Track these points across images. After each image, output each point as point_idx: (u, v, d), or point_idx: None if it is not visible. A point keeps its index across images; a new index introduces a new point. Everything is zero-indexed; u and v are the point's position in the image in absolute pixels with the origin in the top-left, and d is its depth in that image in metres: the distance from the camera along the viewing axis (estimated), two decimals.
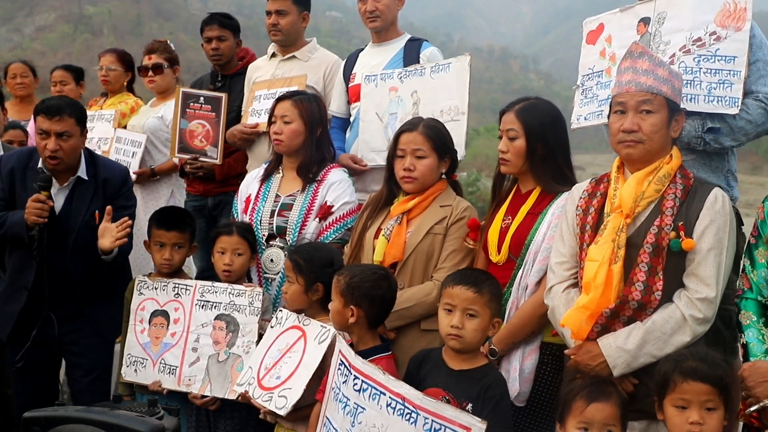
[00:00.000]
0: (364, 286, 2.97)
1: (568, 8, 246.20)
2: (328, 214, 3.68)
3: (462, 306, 2.74)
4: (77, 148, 3.73)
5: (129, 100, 5.47)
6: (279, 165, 3.89)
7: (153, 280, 3.68)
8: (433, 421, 2.39)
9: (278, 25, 4.62)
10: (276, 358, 3.18)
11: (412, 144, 3.36)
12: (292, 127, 3.75)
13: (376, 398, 2.56)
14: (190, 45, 43.79)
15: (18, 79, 6.04)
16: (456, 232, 3.31)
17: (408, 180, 3.36)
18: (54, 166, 3.67)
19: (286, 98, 3.85)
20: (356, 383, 2.62)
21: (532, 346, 3.03)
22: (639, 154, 2.76)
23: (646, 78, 2.75)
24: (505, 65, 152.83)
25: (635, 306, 2.66)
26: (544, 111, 3.18)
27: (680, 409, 2.41)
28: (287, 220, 3.71)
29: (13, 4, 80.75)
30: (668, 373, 2.44)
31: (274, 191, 3.82)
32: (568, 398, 2.54)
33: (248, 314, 3.45)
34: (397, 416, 2.48)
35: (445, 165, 3.43)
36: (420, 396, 2.45)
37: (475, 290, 2.74)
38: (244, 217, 3.84)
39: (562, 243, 2.95)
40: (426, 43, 4.44)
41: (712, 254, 2.65)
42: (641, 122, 2.73)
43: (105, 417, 2.45)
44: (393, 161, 3.44)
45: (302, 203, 3.71)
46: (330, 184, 3.73)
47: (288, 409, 3.00)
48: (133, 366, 3.61)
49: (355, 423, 2.59)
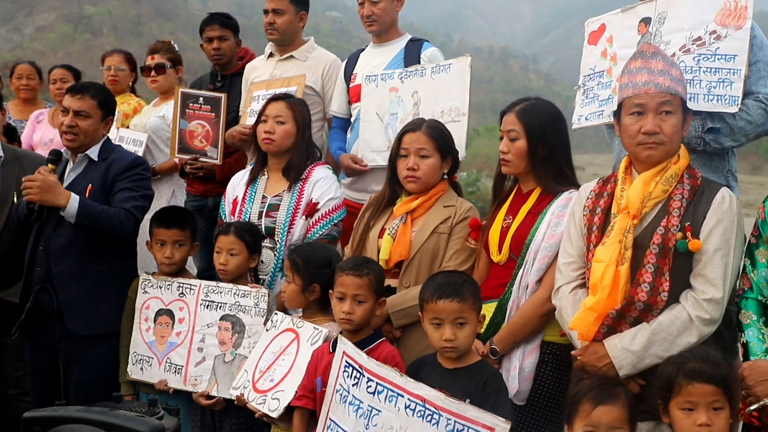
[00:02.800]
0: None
1: (568, 8, 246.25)
2: (314, 211, 3.69)
3: (450, 318, 2.73)
4: (96, 130, 3.81)
5: (132, 101, 5.48)
6: (264, 166, 3.89)
7: (157, 279, 3.68)
8: (455, 422, 2.38)
9: (275, 24, 4.62)
10: (270, 361, 3.19)
11: (416, 144, 3.37)
12: (286, 128, 3.76)
13: (393, 400, 2.56)
14: (190, 45, 43.79)
15: (24, 81, 6.04)
16: (460, 232, 3.32)
17: (411, 179, 3.37)
18: (69, 142, 3.77)
19: (279, 99, 3.87)
20: (370, 385, 2.61)
21: (533, 345, 3.03)
22: (660, 156, 2.74)
23: (663, 79, 2.73)
24: (505, 65, 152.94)
25: (641, 307, 2.66)
26: (544, 111, 3.17)
27: (687, 412, 2.40)
28: (275, 220, 3.71)
29: (13, 4, 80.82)
30: (672, 376, 2.43)
31: (260, 192, 3.82)
32: (575, 400, 2.52)
33: (254, 315, 3.44)
34: (418, 417, 2.47)
35: (447, 165, 3.44)
36: (442, 397, 2.44)
37: (459, 300, 2.73)
38: (231, 218, 3.85)
39: (569, 243, 2.94)
40: (427, 43, 4.44)
41: (718, 255, 2.64)
42: (662, 124, 2.71)
43: (105, 417, 2.45)
44: (396, 161, 3.44)
45: (289, 203, 3.72)
46: (315, 181, 3.74)
47: (280, 411, 3.01)
48: (138, 364, 3.61)
49: (370, 425, 2.59)
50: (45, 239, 3.73)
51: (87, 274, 3.73)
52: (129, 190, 3.78)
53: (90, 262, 3.73)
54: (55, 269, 3.71)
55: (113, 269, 3.80)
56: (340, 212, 3.73)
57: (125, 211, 3.70)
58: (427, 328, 2.80)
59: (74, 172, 3.83)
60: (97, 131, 3.83)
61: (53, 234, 3.72)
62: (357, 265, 3.01)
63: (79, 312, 3.71)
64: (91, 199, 3.70)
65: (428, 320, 2.78)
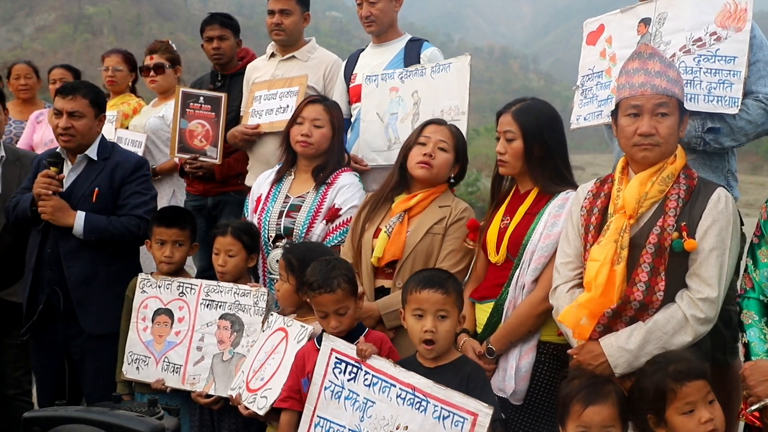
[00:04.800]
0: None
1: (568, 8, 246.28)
2: (335, 216, 3.68)
3: (433, 309, 2.74)
4: (91, 129, 3.83)
5: (131, 101, 5.47)
6: (292, 166, 3.89)
7: (157, 279, 3.68)
8: (442, 408, 2.44)
9: (282, 24, 4.61)
10: (262, 361, 3.21)
11: (438, 135, 3.40)
12: (323, 131, 3.77)
13: (386, 391, 2.61)
14: (190, 45, 43.80)
15: (22, 81, 6.03)
16: (455, 232, 3.32)
17: (424, 165, 3.36)
18: (66, 144, 3.78)
19: (316, 102, 3.86)
20: (366, 378, 2.65)
21: (529, 345, 3.03)
22: (655, 157, 2.75)
23: (660, 80, 2.74)
24: (505, 65, 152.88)
25: (637, 306, 2.66)
26: (540, 111, 3.18)
27: (689, 414, 2.40)
28: (295, 221, 3.71)
29: (13, 4, 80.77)
30: (661, 385, 2.43)
31: (284, 192, 3.82)
32: (566, 401, 2.54)
33: (253, 314, 3.44)
34: (407, 406, 2.52)
35: (454, 170, 3.46)
36: (430, 384, 2.49)
37: (442, 291, 2.74)
38: (254, 216, 3.85)
39: (567, 243, 2.95)
40: (426, 43, 4.44)
41: (714, 254, 2.65)
42: (658, 125, 2.72)
43: (105, 417, 2.45)
44: (409, 149, 3.44)
45: (311, 205, 3.71)
46: (340, 187, 3.73)
47: (266, 409, 3.02)
48: (134, 364, 3.61)
49: (365, 417, 2.63)
50: (53, 241, 3.74)
51: (98, 275, 3.78)
52: (140, 195, 3.84)
53: (101, 263, 3.77)
54: (67, 271, 3.74)
55: (123, 269, 3.84)
56: None
57: (137, 218, 3.78)
58: (408, 321, 2.80)
59: (74, 172, 3.84)
60: (93, 130, 3.85)
61: (63, 237, 3.73)
62: (325, 279, 2.94)
63: (92, 311, 3.76)
64: (99, 202, 3.75)
65: (410, 312, 2.78)
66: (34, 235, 3.81)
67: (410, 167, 3.41)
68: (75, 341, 3.79)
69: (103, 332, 3.76)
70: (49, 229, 3.74)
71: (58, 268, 3.74)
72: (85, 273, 3.75)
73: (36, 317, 3.73)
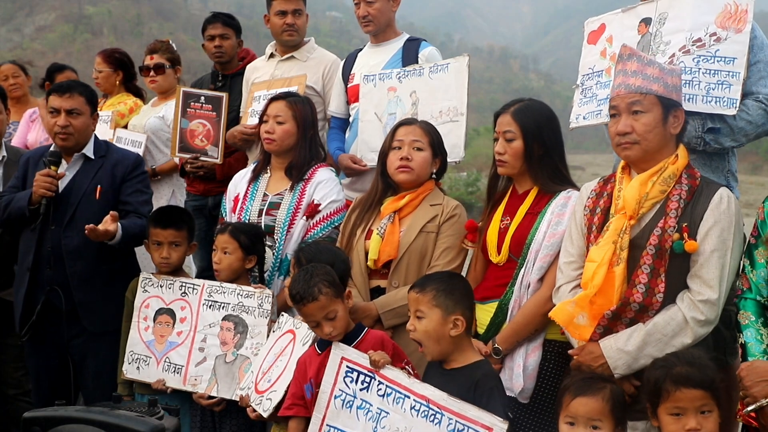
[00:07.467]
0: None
1: (568, 8, 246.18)
2: (315, 212, 3.70)
3: (413, 308, 2.78)
4: (87, 127, 3.84)
5: (128, 101, 5.43)
6: (267, 165, 3.89)
7: (158, 278, 3.67)
8: (456, 421, 2.43)
9: (295, 25, 4.62)
10: (271, 362, 3.20)
11: (411, 135, 3.40)
12: (285, 127, 3.76)
13: (400, 402, 2.60)
14: (190, 45, 43.77)
15: (11, 80, 5.99)
16: (448, 230, 3.32)
17: (404, 169, 3.36)
18: (63, 142, 3.78)
19: (279, 99, 3.87)
20: (380, 388, 2.64)
21: (536, 343, 3.04)
22: (636, 155, 2.76)
23: (634, 79, 2.76)
24: (505, 65, 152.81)
25: (637, 308, 2.66)
26: (539, 111, 3.19)
27: (675, 417, 2.40)
28: (275, 219, 3.72)
29: (13, 4, 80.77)
30: (659, 381, 2.43)
31: (262, 190, 3.83)
32: (560, 394, 2.56)
33: (257, 316, 3.42)
34: (422, 418, 2.52)
35: (435, 165, 3.46)
36: (445, 396, 2.48)
37: (417, 291, 2.76)
38: (232, 216, 3.86)
39: (570, 243, 2.95)
40: (424, 42, 4.44)
41: (715, 256, 2.64)
42: (634, 123, 2.74)
43: (105, 417, 2.45)
44: (386, 155, 3.44)
45: (290, 202, 3.72)
46: (317, 182, 3.74)
47: (270, 411, 3.02)
48: (135, 363, 3.59)
49: (378, 428, 2.62)
50: (53, 240, 3.73)
51: (100, 273, 3.78)
52: (142, 193, 3.88)
53: (102, 261, 3.77)
54: (69, 270, 3.74)
55: (122, 267, 3.86)
56: (341, 215, 3.71)
57: (145, 217, 3.78)
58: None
59: (71, 171, 3.84)
60: (89, 128, 3.86)
61: (64, 235, 3.73)
62: (305, 289, 2.89)
63: (93, 310, 3.77)
64: (102, 199, 3.75)
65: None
66: (28, 234, 3.78)
67: (391, 173, 3.41)
68: (75, 341, 3.79)
69: (104, 329, 3.76)
70: (46, 228, 3.73)
71: (59, 267, 3.73)
72: (88, 271, 3.75)
73: (35, 317, 3.72)
